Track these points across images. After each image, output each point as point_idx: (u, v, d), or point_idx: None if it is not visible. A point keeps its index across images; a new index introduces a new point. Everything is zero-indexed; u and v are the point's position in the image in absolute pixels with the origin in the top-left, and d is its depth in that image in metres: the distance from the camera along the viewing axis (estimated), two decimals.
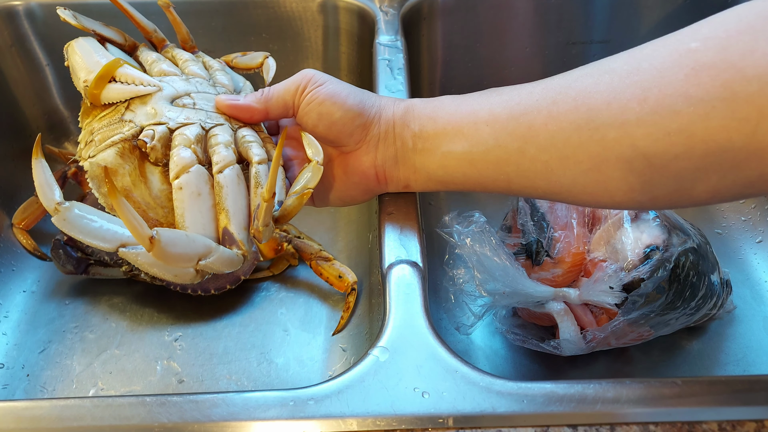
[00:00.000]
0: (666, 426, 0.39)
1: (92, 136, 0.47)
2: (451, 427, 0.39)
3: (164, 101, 0.47)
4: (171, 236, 0.39)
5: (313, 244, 0.63)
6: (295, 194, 0.44)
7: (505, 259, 0.50)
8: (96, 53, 0.51)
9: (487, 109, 0.43)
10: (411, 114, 0.47)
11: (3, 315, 0.62)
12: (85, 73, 0.48)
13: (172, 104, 0.47)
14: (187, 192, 0.43)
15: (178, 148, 0.44)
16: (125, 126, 0.46)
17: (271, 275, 0.64)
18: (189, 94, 0.49)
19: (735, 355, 0.58)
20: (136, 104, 0.47)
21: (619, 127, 0.37)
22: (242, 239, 0.43)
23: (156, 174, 0.45)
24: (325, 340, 0.60)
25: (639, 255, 0.49)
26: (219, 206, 0.43)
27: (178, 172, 0.43)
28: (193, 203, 0.43)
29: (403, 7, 0.70)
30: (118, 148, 0.45)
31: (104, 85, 0.47)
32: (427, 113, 0.46)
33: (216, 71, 0.55)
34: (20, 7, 0.69)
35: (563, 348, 0.51)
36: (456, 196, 0.74)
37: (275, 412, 0.39)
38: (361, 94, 0.48)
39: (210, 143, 0.46)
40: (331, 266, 0.61)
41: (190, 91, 0.49)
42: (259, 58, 0.60)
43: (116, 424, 0.39)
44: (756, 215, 0.69)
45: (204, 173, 0.44)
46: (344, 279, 0.60)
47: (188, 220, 0.43)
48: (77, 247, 0.61)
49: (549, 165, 0.41)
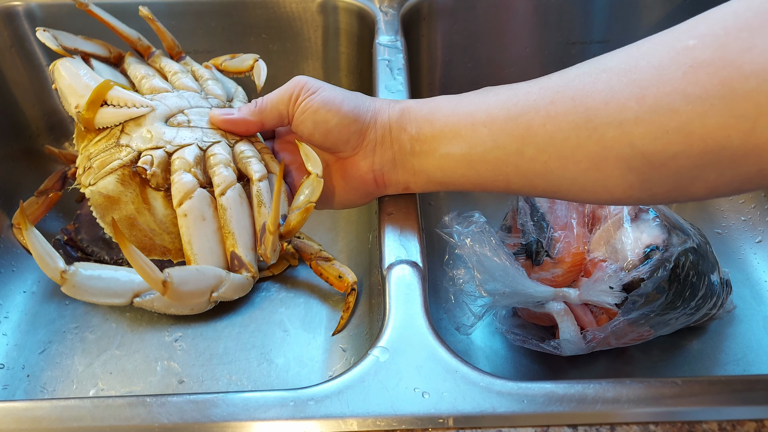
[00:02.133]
0: (666, 426, 0.39)
1: (90, 162, 0.46)
2: (451, 427, 0.39)
3: (159, 121, 0.47)
4: (182, 275, 0.39)
5: (313, 244, 0.62)
6: (298, 209, 0.44)
7: (505, 259, 0.50)
8: (84, 76, 0.49)
9: (485, 110, 0.43)
10: (407, 116, 0.46)
11: (3, 315, 0.62)
12: (75, 99, 0.47)
13: (167, 123, 0.47)
14: (191, 218, 0.43)
15: (178, 173, 0.44)
16: (122, 151, 0.45)
17: (271, 275, 0.64)
18: (183, 111, 0.48)
19: (735, 355, 0.58)
20: (131, 126, 0.46)
21: (618, 126, 0.37)
22: (250, 261, 0.43)
23: (159, 199, 0.45)
24: (325, 340, 0.60)
25: (639, 255, 0.49)
26: (225, 229, 0.43)
27: (181, 199, 0.43)
28: (199, 229, 0.43)
29: (403, 8, 0.70)
30: (118, 175, 0.45)
31: (97, 110, 0.47)
32: (424, 115, 0.46)
33: (207, 81, 0.54)
34: (20, 8, 0.69)
35: (563, 348, 0.51)
36: (456, 196, 0.74)
37: (275, 412, 0.39)
38: (355, 99, 0.48)
39: (209, 163, 0.45)
40: (331, 266, 0.61)
41: (183, 107, 0.48)
42: (248, 61, 0.59)
43: (116, 424, 0.39)
44: (756, 215, 0.69)
45: (206, 196, 0.44)
46: (344, 279, 0.60)
47: (196, 247, 0.43)
48: (77, 246, 0.61)
49: (548, 165, 0.41)
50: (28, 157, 0.74)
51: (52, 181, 0.66)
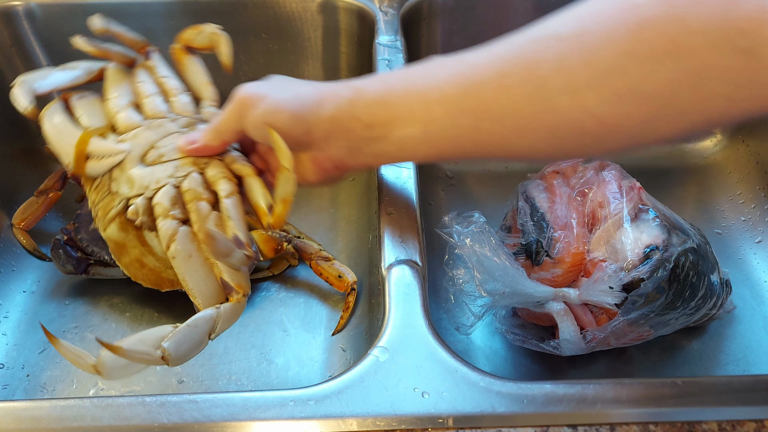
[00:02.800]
0: (666, 426, 0.39)
1: (95, 209, 0.51)
2: (451, 427, 0.39)
3: (137, 164, 0.50)
4: (175, 340, 0.41)
5: (313, 244, 0.62)
6: (280, 201, 0.46)
7: (505, 259, 0.50)
8: (64, 131, 0.53)
9: (437, 87, 0.43)
10: (359, 103, 0.45)
11: (3, 315, 0.62)
12: (65, 157, 0.52)
13: (143, 163, 0.50)
14: (179, 259, 0.45)
15: (159, 221, 0.47)
16: (115, 200, 0.49)
17: (271, 275, 0.64)
18: (154, 146, 0.51)
19: (735, 355, 0.58)
20: (117, 172, 0.50)
21: (569, 93, 0.38)
22: (237, 281, 0.45)
23: (155, 239, 0.48)
24: (325, 340, 0.60)
25: (639, 255, 0.49)
26: (210, 259, 0.46)
27: (167, 243, 0.46)
28: (189, 266, 0.46)
29: (403, 7, 0.70)
30: (117, 223, 0.49)
31: (83, 164, 0.51)
32: (376, 99, 0.45)
33: (175, 97, 0.56)
34: (20, 8, 0.69)
35: (563, 348, 0.51)
36: (456, 196, 0.74)
37: (275, 412, 0.39)
38: (297, 99, 0.47)
39: (185, 198, 0.48)
40: (331, 266, 0.61)
41: (154, 141, 0.51)
42: (212, 38, 0.58)
43: (116, 424, 0.39)
44: (756, 215, 0.70)
45: (188, 234, 0.46)
46: (344, 279, 0.60)
47: (191, 283, 0.45)
48: (77, 246, 0.61)
49: (504, 136, 0.41)
50: (28, 157, 0.74)
51: (52, 181, 0.66)
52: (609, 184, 0.53)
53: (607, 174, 0.54)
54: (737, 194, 0.72)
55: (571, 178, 0.55)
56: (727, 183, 0.73)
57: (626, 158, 0.75)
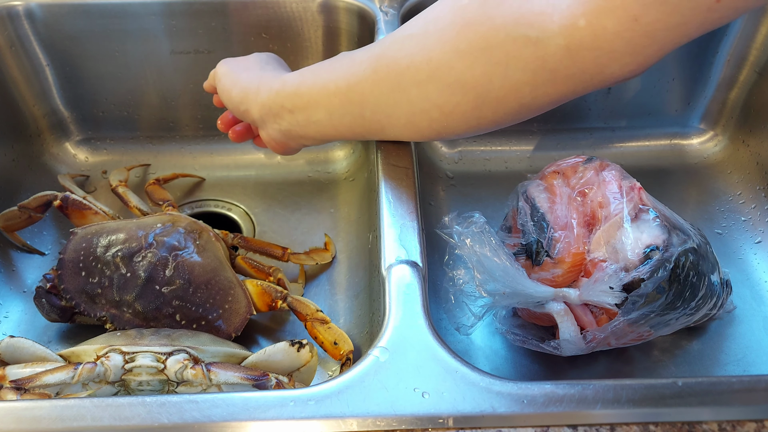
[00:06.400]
0: (666, 426, 0.39)
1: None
2: (451, 427, 0.39)
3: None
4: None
5: (309, 304, 0.57)
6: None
7: (505, 259, 0.50)
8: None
9: (334, 81, 0.51)
10: (282, 92, 0.54)
11: (3, 315, 0.62)
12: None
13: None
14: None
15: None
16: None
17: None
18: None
19: (735, 355, 0.58)
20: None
21: (417, 86, 0.46)
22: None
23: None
24: None
25: (639, 255, 0.49)
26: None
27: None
28: None
29: (403, 7, 0.70)
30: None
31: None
32: (295, 90, 0.53)
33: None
34: (20, 8, 0.69)
35: (563, 348, 0.51)
36: (456, 196, 0.74)
37: (275, 412, 0.39)
38: (245, 83, 0.57)
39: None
40: (327, 330, 0.55)
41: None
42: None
43: (116, 424, 0.39)
44: (756, 215, 0.70)
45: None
46: (340, 347, 0.54)
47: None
48: (61, 295, 0.58)
49: (381, 122, 0.50)
50: (28, 157, 0.74)
51: (36, 203, 0.64)
52: (609, 184, 0.53)
53: (607, 174, 0.54)
54: (737, 194, 0.72)
55: (571, 179, 0.55)
56: (727, 183, 0.73)
57: (626, 158, 0.75)
